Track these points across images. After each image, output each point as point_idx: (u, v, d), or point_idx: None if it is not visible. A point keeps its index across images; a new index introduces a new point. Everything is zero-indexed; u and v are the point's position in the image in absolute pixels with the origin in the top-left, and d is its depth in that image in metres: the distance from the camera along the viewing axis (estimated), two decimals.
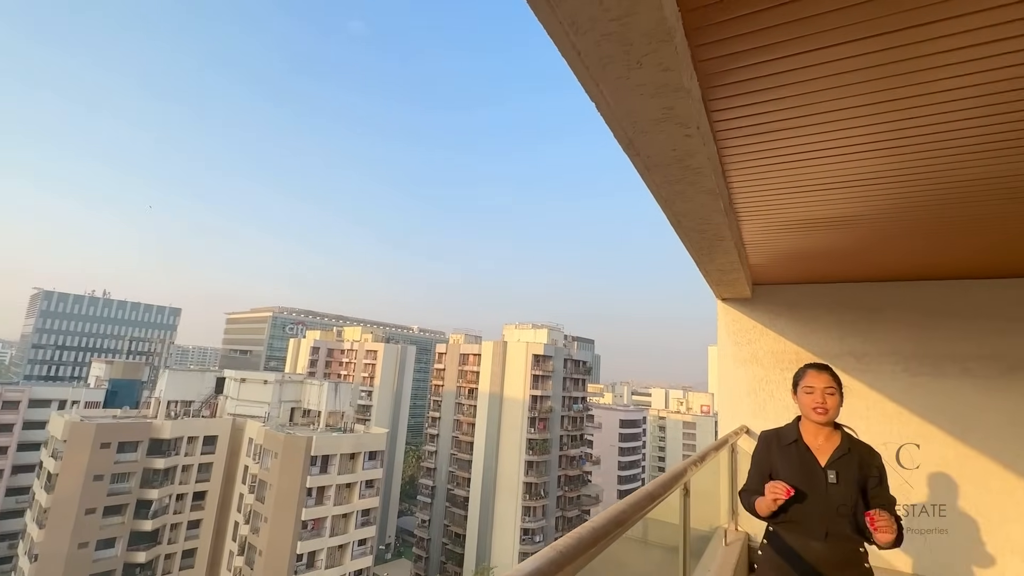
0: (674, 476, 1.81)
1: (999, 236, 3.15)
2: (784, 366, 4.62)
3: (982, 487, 3.81)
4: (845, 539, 1.96)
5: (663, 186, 2.31)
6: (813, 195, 2.67)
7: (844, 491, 1.97)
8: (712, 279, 4.17)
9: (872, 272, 4.22)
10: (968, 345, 4.00)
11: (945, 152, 2.11)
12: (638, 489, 1.44)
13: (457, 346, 66.71)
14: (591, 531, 0.99)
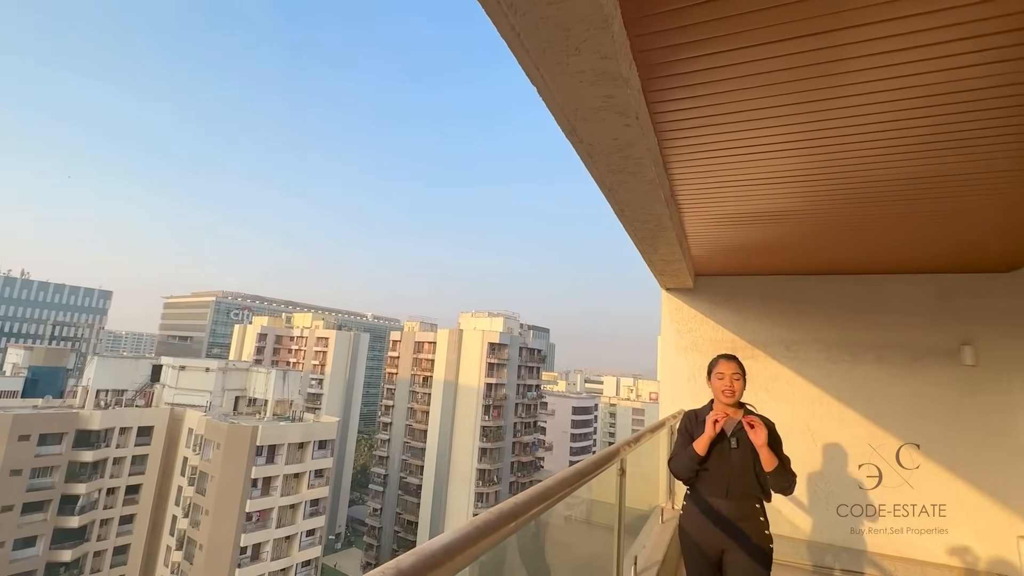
0: (606, 456, 1.88)
1: (906, 235, 3.42)
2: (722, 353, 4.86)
3: (889, 463, 4.18)
4: (744, 496, 2.28)
5: (606, 175, 2.37)
6: (747, 189, 2.81)
7: (742, 454, 2.31)
8: (656, 269, 4.32)
9: (801, 266, 4.50)
10: (881, 335, 4.35)
11: (858, 153, 2.27)
12: (567, 467, 1.49)
13: (412, 334, 65.99)
14: (512, 506, 1.02)
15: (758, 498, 2.30)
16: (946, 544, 3.94)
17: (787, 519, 4.41)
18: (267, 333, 77.31)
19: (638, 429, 4.07)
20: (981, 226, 3.22)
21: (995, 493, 3.88)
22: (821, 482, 4.35)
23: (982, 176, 2.45)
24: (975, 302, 4.13)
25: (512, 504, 1.04)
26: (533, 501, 1.11)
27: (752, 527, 2.26)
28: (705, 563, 2.30)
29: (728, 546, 2.26)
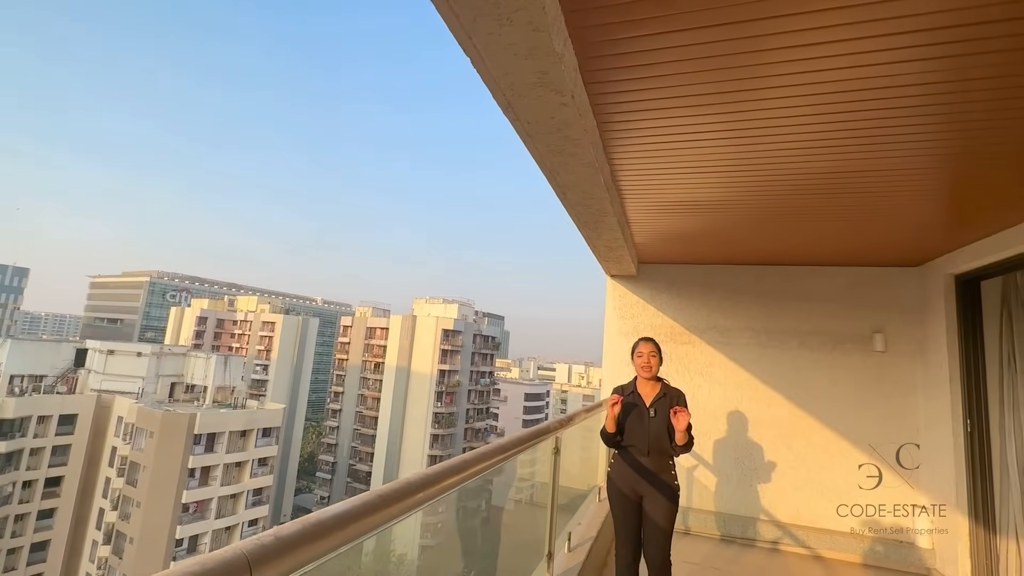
0: (532, 434, 1.90)
1: (829, 230, 3.64)
2: (661, 339, 5.01)
3: (806, 441, 4.49)
4: (661, 453, 2.76)
5: (546, 156, 2.36)
6: (682, 177, 2.89)
7: (659, 421, 2.77)
8: (601, 255, 4.39)
9: (736, 256, 4.71)
10: (805, 323, 4.64)
11: (780, 145, 2.38)
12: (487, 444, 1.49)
13: (364, 319, 64.51)
14: (421, 479, 1.01)
15: (670, 455, 2.78)
16: (853, 514, 4.29)
17: (713, 493, 4.66)
18: (207, 316, 73.30)
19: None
20: (895, 223, 3.47)
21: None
22: (747, 459, 4.62)
23: (896, 173, 2.62)
24: (887, 293, 4.47)
25: (422, 476, 1.02)
26: (446, 472, 1.10)
27: (666, 477, 2.75)
28: (629, 507, 2.76)
29: (647, 492, 2.73)
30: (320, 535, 0.70)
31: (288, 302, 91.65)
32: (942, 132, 2.18)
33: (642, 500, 2.73)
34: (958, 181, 2.71)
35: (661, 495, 2.69)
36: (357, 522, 0.78)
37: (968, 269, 3.79)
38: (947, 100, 1.93)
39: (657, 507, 2.68)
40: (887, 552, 4.10)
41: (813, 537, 4.29)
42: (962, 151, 2.35)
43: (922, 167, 2.53)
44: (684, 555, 4.09)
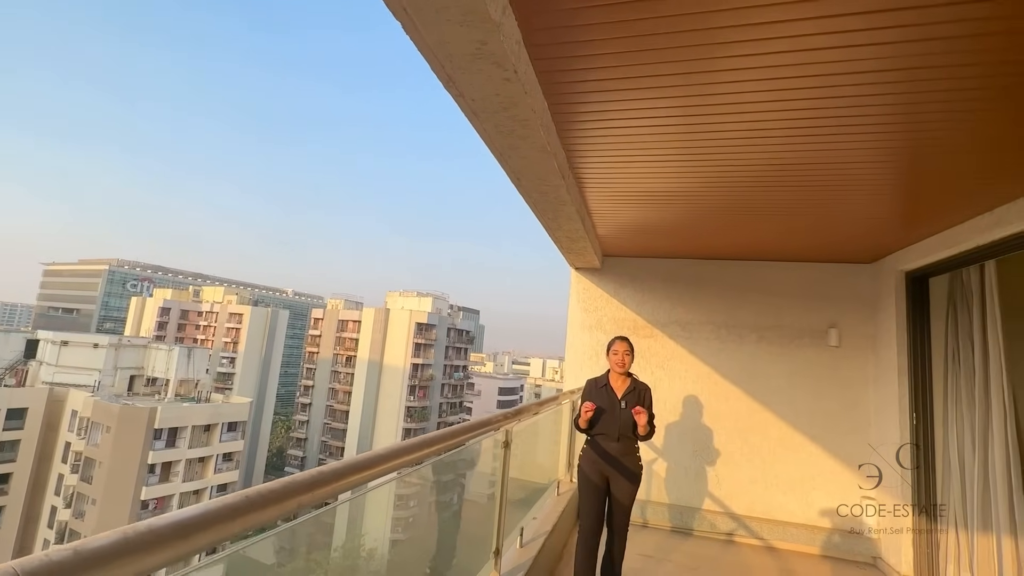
0: (465, 428, 1.81)
1: (786, 225, 3.65)
2: (624, 332, 5.00)
3: (762, 434, 4.54)
4: (627, 439, 3.03)
5: (495, 137, 2.26)
6: (642, 167, 2.83)
7: (629, 412, 3.00)
8: (563, 247, 4.32)
9: (698, 250, 4.71)
10: (764, 317, 4.69)
11: (734, 135, 2.34)
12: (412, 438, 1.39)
13: (336, 312, 63.39)
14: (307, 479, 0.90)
15: (635, 440, 3.07)
16: (805, 505, 4.37)
17: (670, 486, 4.68)
18: (171, 307, 70.72)
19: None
20: (851, 219, 3.50)
21: (845, 459, 4.34)
22: (704, 453, 4.65)
23: (851, 166, 2.61)
24: (843, 289, 4.54)
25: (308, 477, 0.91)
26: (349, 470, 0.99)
27: (631, 460, 3.04)
28: (596, 489, 3.00)
29: (612, 474, 3.00)
30: (147, 547, 0.58)
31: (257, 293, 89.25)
32: (896, 123, 2.17)
33: (609, 481, 3.02)
34: (911, 175, 2.72)
35: (625, 477, 3.01)
36: (207, 530, 0.67)
37: (918, 266, 3.87)
38: (901, 90, 1.91)
39: (622, 487, 3.00)
40: (836, 542, 4.19)
41: (766, 528, 4.35)
42: (916, 143, 2.35)
43: (876, 160, 2.53)
44: (639, 547, 4.09)
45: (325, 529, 2.55)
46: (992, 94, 1.93)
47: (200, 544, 0.66)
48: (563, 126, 2.42)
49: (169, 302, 71.16)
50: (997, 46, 1.65)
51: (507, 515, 2.93)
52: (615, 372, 3.18)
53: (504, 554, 2.95)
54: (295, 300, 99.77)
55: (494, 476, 4.95)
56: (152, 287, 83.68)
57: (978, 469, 3.51)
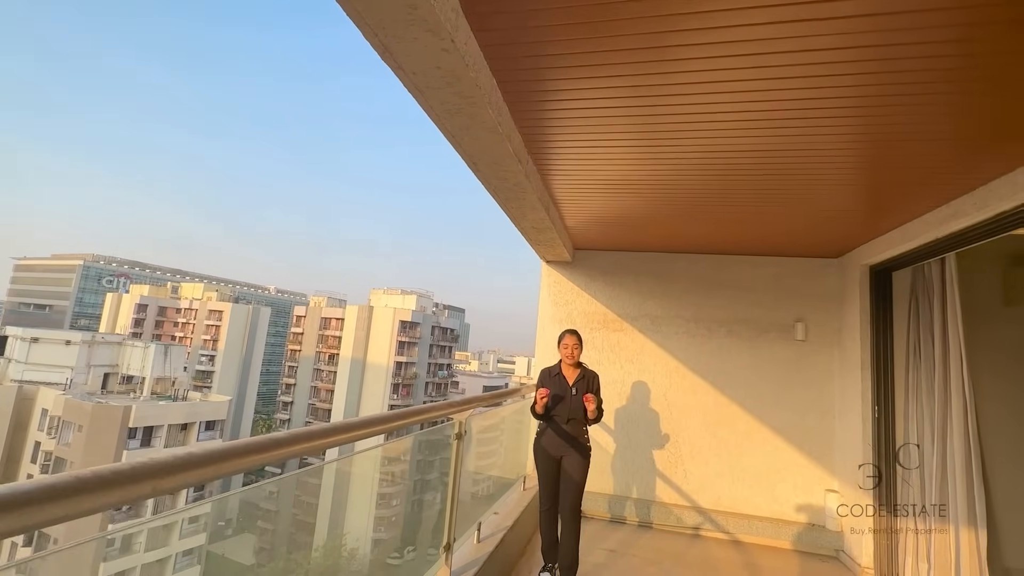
0: (396, 416, 1.73)
1: (754, 219, 3.62)
2: (593, 326, 4.97)
3: (730, 428, 4.53)
4: (578, 423, 3.32)
5: (443, 117, 2.17)
6: (602, 152, 2.77)
7: (579, 398, 3.30)
8: (531, 238, 4.25)
9: (668, 244, 4.68)
10: (732, 311, 4.68)
11: (695, 120, 2.30)
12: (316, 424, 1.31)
13: (318, 309, 62.62)
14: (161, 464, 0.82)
15: (584, 423, 3.36)
16: (771, 499, 4.37)
17: (638, 481, 4.65)
18: (148, 304, 69.16)
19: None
20: (817, 211, 3.49)
21: (810, 453, 4.35)
22: (672, 447, 4.63)
23: (815, 154, 2.58)
24: (809, 283, 4.55)
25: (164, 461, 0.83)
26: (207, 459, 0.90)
27: (580, 440, 3.33)
28: (551, 465, 3.31)
29: (565, 452, 3.29)
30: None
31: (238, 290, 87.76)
32: (856, 109, 2.13)
33: (561, 459, 3.29)
34: (872, 165, 2.70)
35: (577, 453, 3.28)
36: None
37: (880, 260, 3.89)
38: (860, 70, 1.86)
39: (573, 463, 3.27)
40: (801, 535, 4.20)
41: (732, 522, 4.34)
42: (875, 131, 2.31)
43: (838, 147, 2.49)
44: (603, 542, 4.05)
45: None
46: (948, 87, 1.90)
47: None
48: (517, 107, 2.35)
49: (146, 299, 69.58)
50: (960, 36, 1.63)
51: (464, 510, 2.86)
52: (566, 363, 3.45)
53: (459, 549, 2.88)
54: (278, 297, 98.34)
55: (484, 473, 4.87)
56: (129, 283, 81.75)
57: (937, 461, 3.54)
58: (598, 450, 4.67)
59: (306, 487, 25.46)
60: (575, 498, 3.23)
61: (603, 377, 4.78)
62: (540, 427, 3.43)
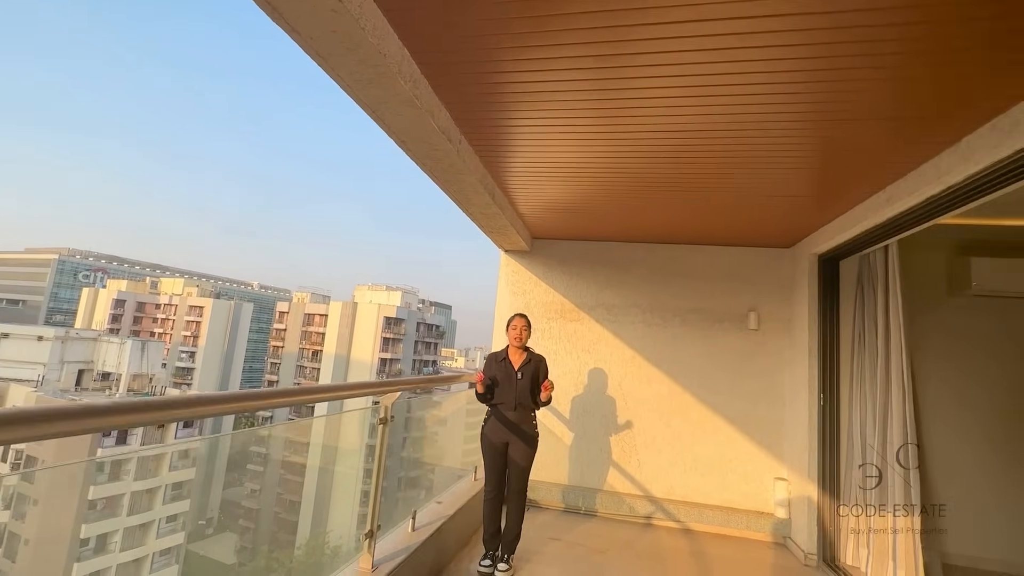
0: (283, 392, 1.66)
1: (706, 200, 3.60)
2: (551, 316, 4.93)
3: (683, 417, 4.53)
4: (525, 408, 3.30)
5: (356, 88, 2.09)
6: (549, 133, 2.71)
7: (525, 383, 3.31)
8: (482, 225, 4.19)
9: (624, 232, 4.65)
10: (687, 301, 4.67)
11: (641, 99, 2.25)
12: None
13: (302, 305, 61.92)
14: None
15: (532, 408, 3.34)
16: (722, 487, 4.39)
17: (592, 471, 4.64)
18: (126, 299, 67.73)
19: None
20: (767, 199, 3.48)
21: (761, 442, 4.37)
22: (626, 437, 4.62)
23: (762, 135, 2.55)
24: (763, 273, 4.56)
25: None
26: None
27: (527, 426, 3.30)
28: (496, 452, 3.26)
29: (511, 439, 3.26)
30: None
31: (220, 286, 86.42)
32: (801, 87, 2.08)
33: (507, 446, 3.26)
34: (817, 149, 2.61)
35: (522, 441, 3.26)
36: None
37: (827, 248, 3.90)
38: (816, 39, 1.83)
39: (519, 450, 3.25)
40: (750, 523, 4.21)
41: (684, 511, 4.34)
42: (817, 112, 2.25)
43: (786, 130, 2.45)
44: (551, 531, 4.02)
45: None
46: (889, 72, 1.88)
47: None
48: (439, 80, 2.28)
49: (124, 294, 68.14)
50: (901, 20, 1.61)
51: (399, 497, 2.80)
52: (513, 346, 3.42)
53: (390, 537, 2.82)
54: (261, 293, 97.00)
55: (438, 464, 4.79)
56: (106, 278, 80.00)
57: (877, 447, 3.57)
58: (552, 439, 4.66)
59: (288, 485, 25.05)
60: (521, 481, 3.25)
61: (560, 367, 4.78)
62: (486, 414, 3.40)
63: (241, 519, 57.07)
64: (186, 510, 38.89)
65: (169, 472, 37.35)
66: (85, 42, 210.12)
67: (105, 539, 33.62)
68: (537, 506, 4.60)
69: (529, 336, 3.45)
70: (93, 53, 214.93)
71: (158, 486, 36.57)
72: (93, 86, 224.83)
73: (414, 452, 5.02)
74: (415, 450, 5.05)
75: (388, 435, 2.59)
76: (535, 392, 3.32)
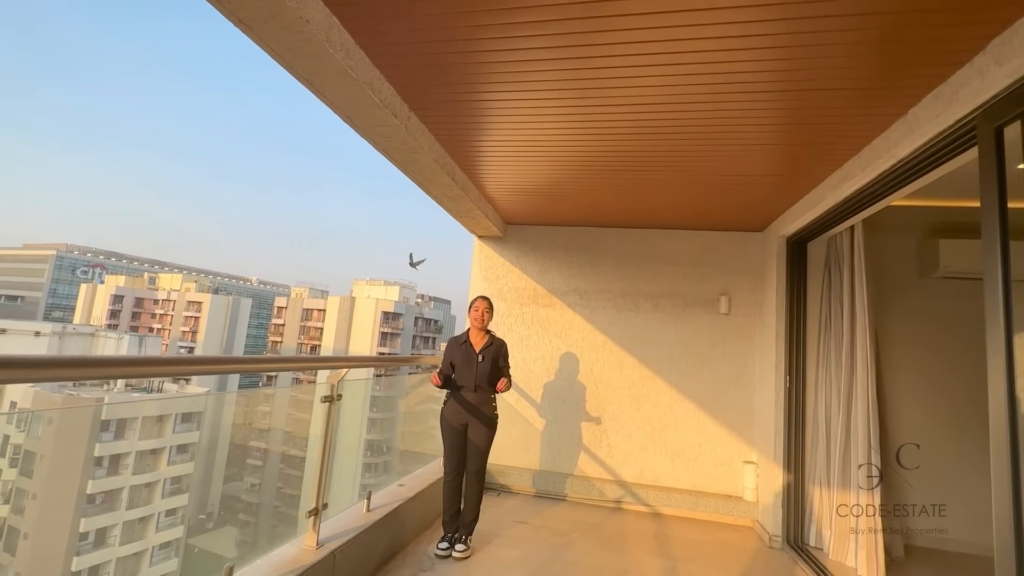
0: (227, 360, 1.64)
1: (677, 181, 3.54)
2: (523, 302, 4.91)
3: (654, 402, 4.52)
4: (484, 391, 3.28)
5: (286, 58, 2.05)
6: (512, 111, 2.67)
7: (485, 365, 3.29)
8: (448, 208, 4.16)
9: (597, 217, 4.62)
10: (659, 286, 4.65)
11: (615, 80, 2.22)
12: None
13: (300, 300, 62.03)
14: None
15: (491, 391, 3.31)
16: (691, 471, 4.38)
17: (563, 456, 4.63)
18: (124, 295, 67.83)
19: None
20: (736, 178, 3.44)
21: (731, 426, 4.36)
22: (597, 422, 4.61)
23: (730, 111, 2.50)
24: (734, 257, 4.54)
25: None
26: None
27: (486, 409, 3.28)
28: (456, 434, 3.26)
29: (470, 421, 3.25)
30: None
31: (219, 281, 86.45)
32: (775, 62, 2.03)
33: (467, 428, 3.25)
34: (786, 119, 2.53)
35: (481, 423, 3.25)
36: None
37: (794, 230, 3.87)
38: (782, 29, 1.82)
39: (478, 432, 3.24)
40: (719, 507, 4.21)
41: (653, 495, 4.34)
42: (783, 83, 2.22)
43: (751, 105, 2.38)
44: (516, 515, 4.01)
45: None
46: (840, 37, 1.85)
47: None
48: (376, 50, 2.24)
49: (122, 289, 68.24)
50: None
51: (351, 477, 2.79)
52: (474, 328, 3.39)
53: (340, 516, 2.81)
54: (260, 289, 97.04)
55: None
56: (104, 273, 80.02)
57: (841, 429, 3.56)
58: (524, 425, 4.65)
59: (288, 479, 24.64)
60: (480, 463, 3.26)
61: (532, 352, 4.76)
62: (446, 396, 3.39)
63: (241, 513, 57.62)
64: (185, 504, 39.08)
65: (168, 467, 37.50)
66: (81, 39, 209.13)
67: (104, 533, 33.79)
68: (508, 491, 4.60)
69: (491, 319, 3.44)
70: (85, 49, 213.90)
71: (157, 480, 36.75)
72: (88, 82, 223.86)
73: (381, 435, 5.03)
74: (381, 433, 5.06)
75: (335, 415, 2.57)
76: (494, 375, 3.33)
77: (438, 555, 3.10)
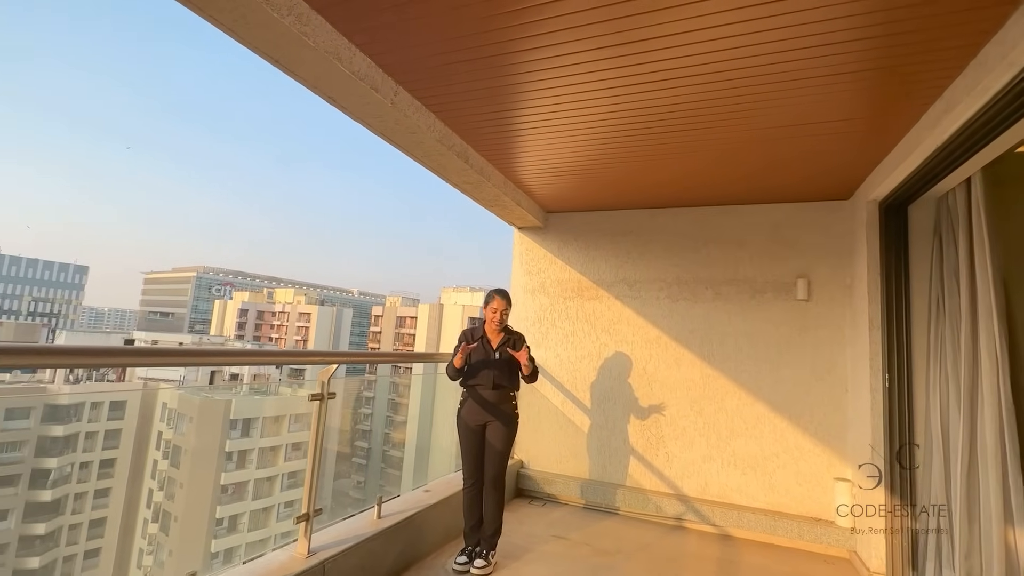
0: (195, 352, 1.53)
1: (742, 148, 3.00)
2: (567, 295, 4.53)
3: (718, 405, 3.91)
4: (503, 388, 3.06)
5: (240, 32, 1.93)
6: (527, 81, 2.40)
7: (503, 361, 3.06)
8: (473, 197, 3.91)
9: (645, 197, 4.11)
10: (721, 271, 4.03)
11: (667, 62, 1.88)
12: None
13: (394, 308, 65.89)
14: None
15: (511, 388, 3.09)
16: (769, 488, 3.70)
17: (613, 465, 4.16)
18: (248, 308, 76.71)
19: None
20: (808, 139, 2.84)
21: (816, 434, 3.62)
22: (653, 427, 4.08)
23: (804, 58, 2.04)
24: (813, 232, 3.80)
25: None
26: None
27: (507, 407, 3.06)
28: (474, 435, 3.04)
29: (489, 420, 3.03)
30: None
31: (324, 293, 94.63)
32: None
33: (485, 428, 3.04)
34: (869, 42, 2.02)
35: (500, 422, 3.02)
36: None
37: (889, 191, 3.11)
38: None
39: (497, 433, 3.01)
40: (804, 532, 3.50)
41: (720, 513, 3.72)
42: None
43: (846, 71, 1.93)
44: (559, 528, 3.63)
45: None
46: None
47: None
48: (333, 12, 2.05)
49: (246, 304, 77.18)
50: None
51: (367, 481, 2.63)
52: (491, 327, 3.14)
53: (347, 522, 2.67)
54: (359, 299, 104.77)
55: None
56: (232, 290, 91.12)
57: (964, 441, 2.75)
58: (571, 429, 4.27)
59: (389, 478, 26.06)
60: (498, 467, 3.00)
61: (577, 350, 4.38)
62: (462, 396, 3.15)
63: (349, 508, 62.13)
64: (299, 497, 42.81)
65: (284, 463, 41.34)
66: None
67: (235, 520, 38.08)
68: (555, 501, 4.23)
69: (508, 317, 3.20)
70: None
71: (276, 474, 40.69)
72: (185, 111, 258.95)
73: (399, 434, 4.89)
74: (404, 432, 4.92)
75: (326, 414, 2.42)
76: (515, 371, 3.06)
77: (456, 570, 2.84)
